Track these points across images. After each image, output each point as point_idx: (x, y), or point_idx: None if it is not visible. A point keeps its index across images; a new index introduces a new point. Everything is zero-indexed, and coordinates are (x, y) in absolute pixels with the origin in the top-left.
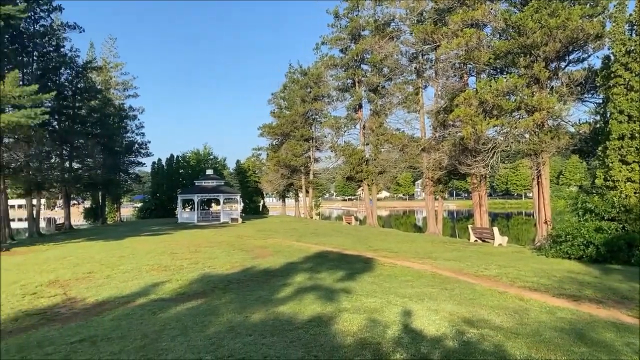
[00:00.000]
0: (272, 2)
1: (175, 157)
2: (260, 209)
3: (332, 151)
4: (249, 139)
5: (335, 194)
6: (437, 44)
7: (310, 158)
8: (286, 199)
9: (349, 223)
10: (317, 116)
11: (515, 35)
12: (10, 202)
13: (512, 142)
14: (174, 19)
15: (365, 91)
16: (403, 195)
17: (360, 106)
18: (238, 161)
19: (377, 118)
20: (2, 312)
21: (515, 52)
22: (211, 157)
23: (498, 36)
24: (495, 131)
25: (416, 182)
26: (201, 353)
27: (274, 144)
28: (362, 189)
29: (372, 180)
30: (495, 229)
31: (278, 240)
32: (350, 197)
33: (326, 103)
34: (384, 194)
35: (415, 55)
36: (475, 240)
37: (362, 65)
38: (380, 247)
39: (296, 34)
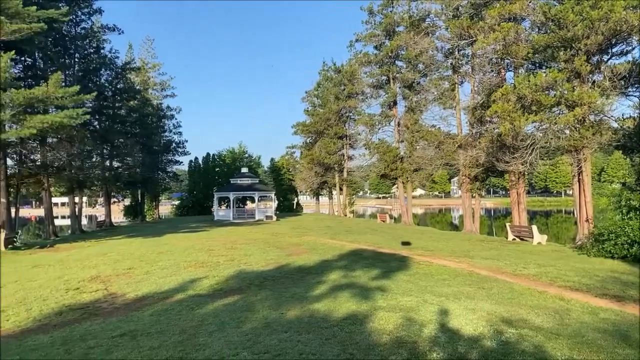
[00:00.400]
0: (305, 2)
1: (211, 155)
2: (294, 207)
3: (366, 149)
4: (283, 137)
5: (369, 191)
6: (474, 39)
7: (344, 156)
8: (320, 197)
9: (383, 221)
10: (351, 114)
11: (555, 29)
12: (54, 200)
13: (551, 138)
14: (207, 19)
15: (400, 88)
16: (439, 193)
17: (395, 103)
18: (272, 159)
19: (412, 115)
20: (48, 305)
21: (555, 45)
22: (246, 155)
23: (537, 30)
24: (534, 127)
25: (452, 180)
26: (238, 349)
27: (308, 142)
28: (397, 187)
29: (407, 177)
30: (534, 227)
31: (312, 238)
32: (384, 195)
33: (360, 100)
34: (419, 191)
35: (451, 50)
36: (514, 239)
37: (396, 62)
38: (415, 245)
39: (330, 31)
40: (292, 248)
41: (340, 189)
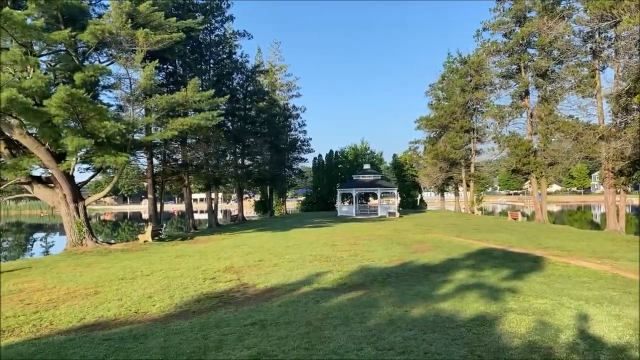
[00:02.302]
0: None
1: (334, 152)
2: (418, 203)
3: (495, 142)
4: (405, 133)
5: (498, 187)
6: (618, 19)
7: (470, 150)
8: (445, 193)
9: (514, 219)
10: (478, 106)
11: None
12: (194, 196)
13: None
14: (328, 18)
15: (532, 77)
16: (577, 188)
17: (527, 93)
18: (395, 155)
19: (547, 105)
20: (188, 293)
21: None
22: (368, 151)
23: None
24: None
25: (593, 175)
26: (362, 344)
27: (432, 136)
28: (530, 183)
29: (541, 172)
30: None
31: (437, 236)
32: (515, 191)
33: (488, 92)
34: (555, 187)
35: (590, 34)
36: None
37: (528, 50)
38: (551, 245)
39: (453, 22)
40: (416, 245)
41: (467, 185)
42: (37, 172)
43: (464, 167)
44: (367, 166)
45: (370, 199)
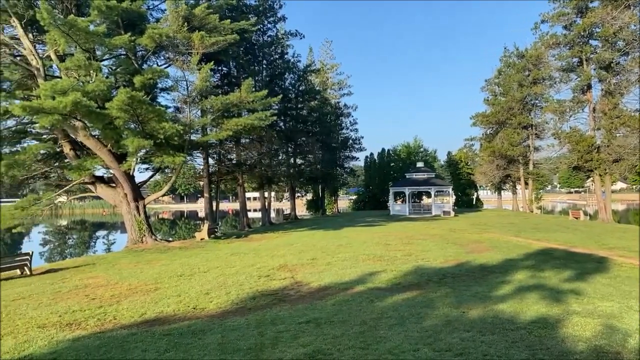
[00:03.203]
0: None
1: (386, 150)
2: (474, 202)
3: (555, 138)
4: (460, 130)
5: (558, 185)
6: None
7: (529, 147)
8: (502, 192)
9: (576, 218)
10: (536, 101)
11: None
12: (247, 194)
13: None
14: (379, 16)
15: (594, 69)
16: None
17: (589, 87)
18: (449, 153)
19: (611, 99)
20: (243, 290)
21: None
22: (421, 149)
23: None
24: None
25: None
26: (418, 344)
27: (488, 133)
28: (592, 180)
29: (605, 169)
30: None
31: (494, 235)
32: (577, 189)
33: (547, 86)
34: (620, 185)
35: None
36: None
37: (590, 41)
38: (616, 246)
39: (509, 15)
40: (472, 245)
41: (525, 183)
42: (99, 172)
43: (522, 164)
44: (420, 164)
45: (424, 197)
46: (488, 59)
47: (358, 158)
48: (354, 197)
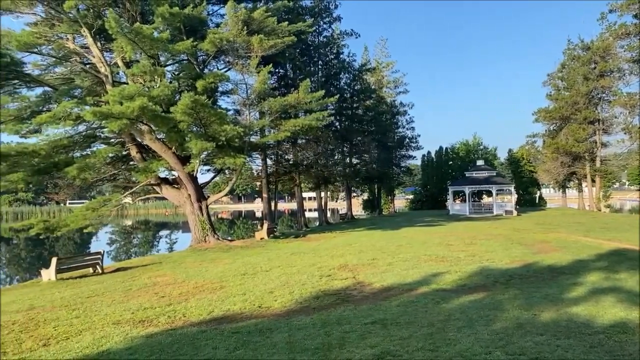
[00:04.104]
0: None
1: (444, 149)
2: (537, 201)
3: (625, 133)
4: (521, 126)
5: (627, 183)
6: None
7: (596, 143)
8: (567, 190)
9: None
10: (604, 95)
11: None
12: (304, 194)
13: None
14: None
15: None
16: None
17: None
18: (510, 150)
19: None
20: (306, 290)
21: None
22: (481, 147)
23: None
24: None
25: None
26: (490, 347)
27: (551, 129)
28: None
29: None
30: None
31: (561, 235)
32: None
33: (616, 79)
34: None
35: None
36: None
37: None
38: None
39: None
40: (538, 245)
41: (592, 181)
42: (163, 174)
43: (589, 161)
44: (480, 162)
45: (484, 196)
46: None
47: (415, 157)
48: (411, 196)
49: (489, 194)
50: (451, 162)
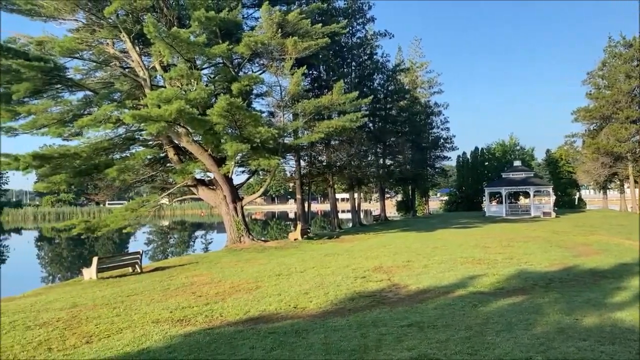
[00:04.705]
0: None
1: (479, 149)
2: (575, 202)
3: None
4: (559, 126)
5: None
6: None
7: (639, 143)
8: (608, 191)
9: None
10: None
11: None
12: (337, 195)
13: None
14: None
15: None
16: None
17: None
18: (548, 150)
19: None
20: (341, 291)
21: None
22: (517, 147)
23: None
24: None
25: None
26: (530, 352)
27: (591, 129)
28: None
29: None
30: None
31: (602, 238)
32: None
33: None
34: None
35: None
36: None
37: None
38: None
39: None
40: (579, 248)
41: (635, 182)
42: (199, 175)
43: (631, 161)
44: (517, 163)
45: (521, 198)
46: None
47: (450, 158)
48: (446, 197)
49: (526, 195)
50: (487, 163)
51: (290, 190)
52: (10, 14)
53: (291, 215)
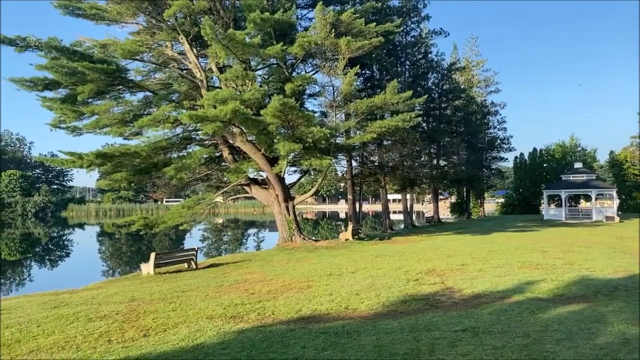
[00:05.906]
0: None
1: (538, 150)
2: None
3: None
4: (625, 126)
5: None
6: None
7: None
8: None
9: None
10: None
11: None
12: (388, 196)
13: None
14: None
15: None
16: None
17: None
18: (612, 152)
19: None
20: (393, 293)
21: None
22: (578, 149)
23: None
24: None
25: None
26: None
27: None
28: None
29: None
30: None
31: None
32: None
33: None
34: None
35: None
36: None
37: None
38: None
39: None
40: None
41: None
42: (252, 174)
43: None
44: (578, 165)
45: (582, 201)
46: None
47: (507, 159)
48: (502, 200)
49: (587, 198)
50: (546, 165)
51: (341, 190)
52: (77, 19)
53: (342, 216)
